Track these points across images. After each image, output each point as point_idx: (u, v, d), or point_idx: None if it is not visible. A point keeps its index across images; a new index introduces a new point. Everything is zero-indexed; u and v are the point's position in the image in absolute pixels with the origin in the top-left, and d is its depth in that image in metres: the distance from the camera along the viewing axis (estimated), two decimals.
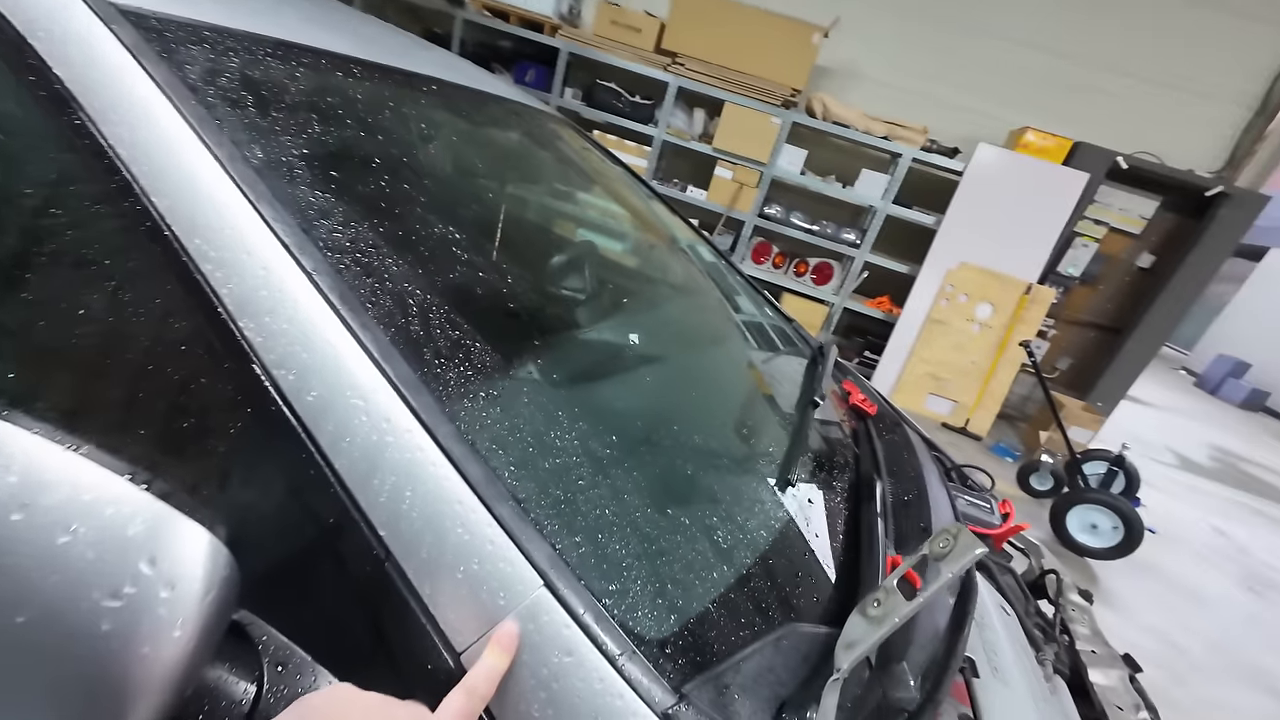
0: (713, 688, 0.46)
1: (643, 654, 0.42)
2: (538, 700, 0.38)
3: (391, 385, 0.43)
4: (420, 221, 0.67)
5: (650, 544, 0.54)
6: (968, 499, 1.18)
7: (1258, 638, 2.60)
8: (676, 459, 0.71)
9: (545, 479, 0.52)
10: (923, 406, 4.24)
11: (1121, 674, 0.98)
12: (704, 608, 0.52)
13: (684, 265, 1.50)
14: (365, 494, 0.41)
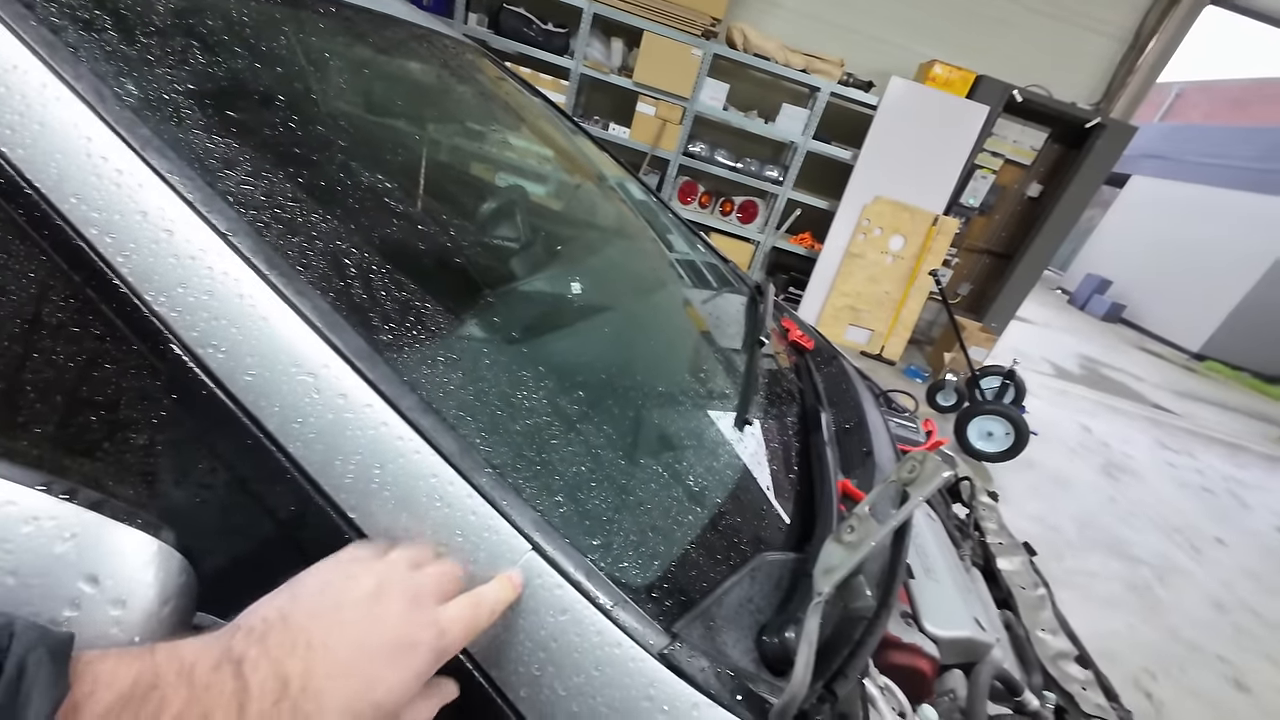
0: (700, 624, 0.48)
1: (634, 602, 0.43)
2: (537, 661, 0.38)
3: (342, 357, 0.39)
4: (340, 168, 0.60)
5: (625, 495, 0.55)
6: (897, 421, 1.28)
7: (1114, 514, 3.09)
8: (638, 407, 0.71)
9: (517, 441, 0.50)
10: (843, 337, 4.50)
11: (1023, 559, 1.13)
12: (681, 549, 0.54)
13: (618, 207, 1.46)
14: (329, 477, 0.37)
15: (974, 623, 0.83)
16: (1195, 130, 12.94)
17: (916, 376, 4.31)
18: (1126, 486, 3.50)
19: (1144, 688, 1.91)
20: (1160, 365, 7.88)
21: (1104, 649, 2.04)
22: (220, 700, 0.24)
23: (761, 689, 0.45)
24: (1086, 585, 2.38)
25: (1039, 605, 1.03)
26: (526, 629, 0.39)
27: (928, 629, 0.80)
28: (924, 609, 0.83)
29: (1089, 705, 0.84)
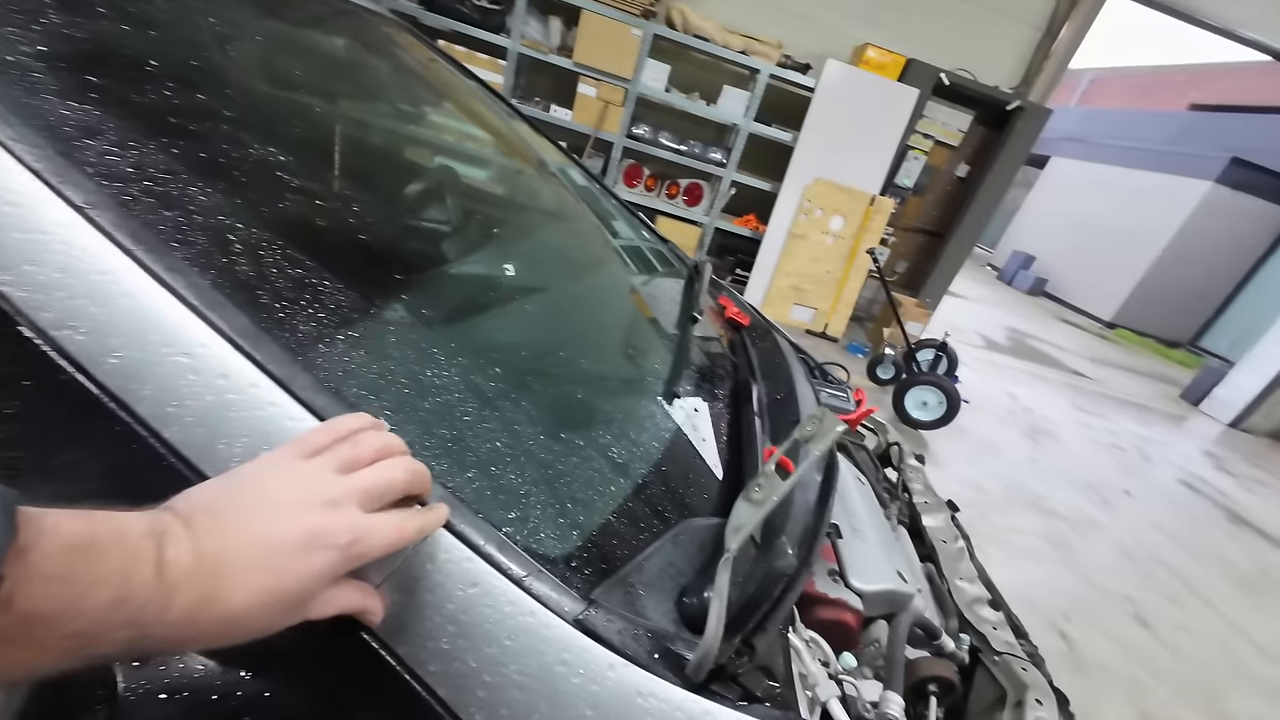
0: (620, 588, 0.49)
1: (549, 571, 0.44)
2: (447, 635, 0.38)
3: (223, 336, 0.37)
4: (232, 142, 0.56)
5: (546, 469, 0.55)
6: (829, 392, 1.32)
7: (1035, 474, 3.33)
8: (564, 385, 0.71)
9: (429, 420, 0.49)
10: (788, 316, 4.62)
11: (946, 516, 1.20)
12: (604, 520, 0.54)
13: (555, 190, 1.44)
14: (211, 462, 0.36)
15: (896, 576, 0.88)
16: (1107, 114, 13.87)
17: (858, 352, 4.48)
18: (1046, 448, 3.78)
19: (1060, 629, 2.09)
20: (1078, 334, 8.49)
21: (1025, 596, 2.21)
22: (142, 564, 0.26)
23: (680, 647, 0.47)
24: (1010, 540, 2.56)
25: (958, 557, 1.10)
26: (434, 604, 0.38)
27: (853, 584, 0.84)
28: (850, 566, 0.87)
29: (999, 643, 0.91)
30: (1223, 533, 3.35)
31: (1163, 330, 10.05)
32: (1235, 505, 3.81)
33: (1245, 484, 4.30)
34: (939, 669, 0.79)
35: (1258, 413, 5.78)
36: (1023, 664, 0.87)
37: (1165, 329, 10.06)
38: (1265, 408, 5.74)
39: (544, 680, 0.39)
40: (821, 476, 0.81)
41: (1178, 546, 3.01)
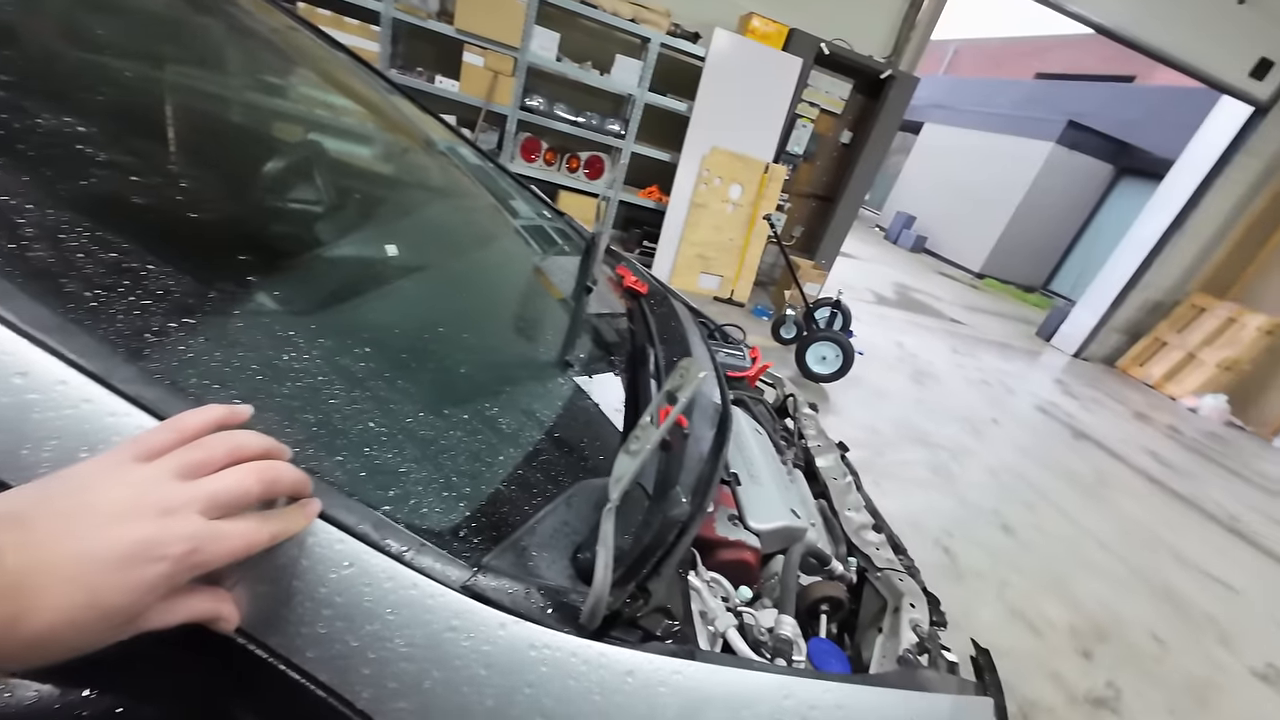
0: (513, 552, 0.50)
1: (434, 544, 0.43)
2: (322, 619, 0.37)
3: (16, 331, 0.33)
4: (17, 110, 0.49)
5: (429, 446, 0.54)
6: (726, 351, 1.39)
7: (920, 413, 3.70)
8: (450, 362, 0.69)
9: (295, 408, 0.47)
10: (696, 285, 4.74)
11: (836, 456, 1.32)
12: (496, 490, 0.55)
13: (437, 165, 1.37)
14: (15, 470, 0.32)
15: (790, 514, 0.96)
16: (968, 83, 15.17)
17: (763, 315, 4.70)
18: (929, 389, 4.20)
19: (943, 545, 2.37)
20: (953, 285, 9.40)
21: (914, 520, 2.47)
22: None
23: (574, 599, 0.49)
24: (901, 472, 2.84)
25: (847, 491, 1.21)
26: (305, 590, 0.37)
27: (751, 525, 0.91)
28: (748, 509, 0.94)
29: (881, 561, 1.02)
30: (1068, 448, 3.92)
31: (1021, 277, 11.38)
32: (1078, 423, 4.46)
33: (1085, 404, 5.03)
34: (829, 590, 0.87)
35: (1094, 343, 6.74)
36: (900, 576, 0.99)
37: (1023, 276, 11.39)
38: (1099, 338, 6.71)
39: (433, 648, 0.40)
40: (715, 430, 0.86)
41: (1033, 462, 3.48)
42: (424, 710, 0.39)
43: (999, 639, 1.95)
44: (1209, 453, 4.69)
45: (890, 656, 0.80)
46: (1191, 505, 3.54)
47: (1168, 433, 4.91)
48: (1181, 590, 2.57)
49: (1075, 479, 3.42)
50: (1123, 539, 2.86)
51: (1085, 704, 1.80)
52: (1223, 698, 2.00)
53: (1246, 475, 4.41)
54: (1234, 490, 4.01)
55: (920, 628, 0.87)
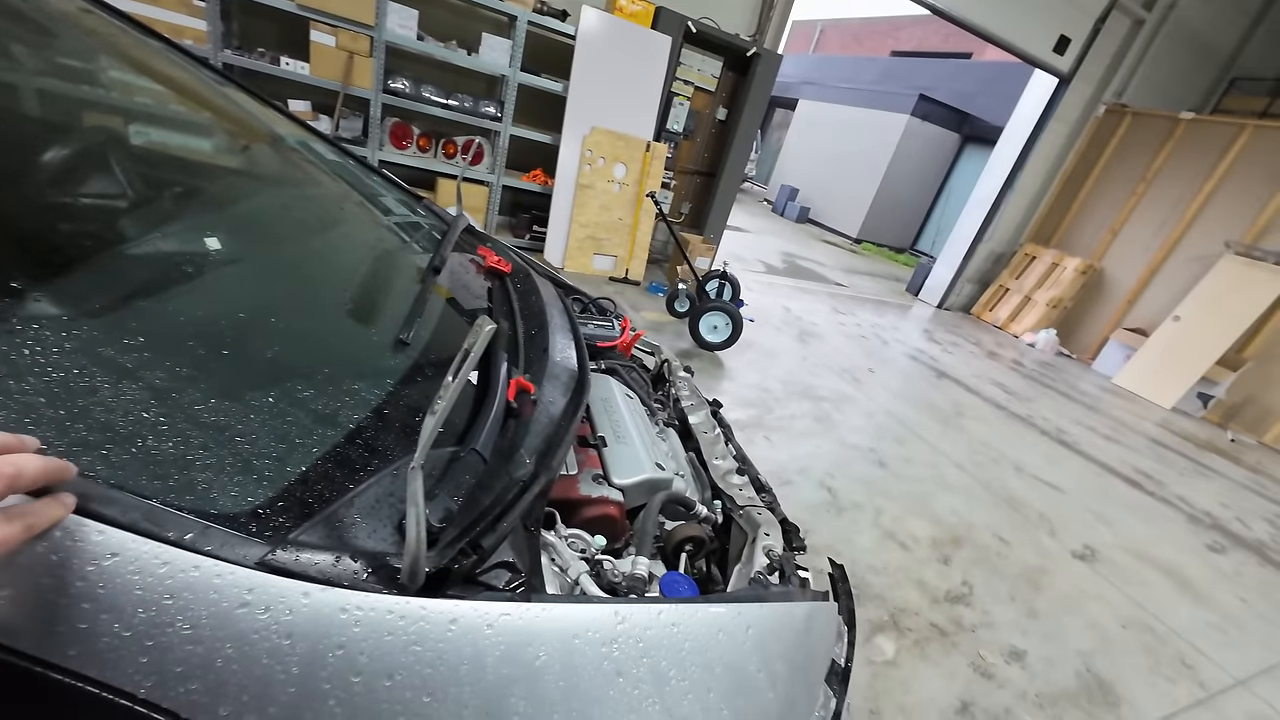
0: (326, 525, 0.50)
1: (223, 526, 0.43)
2: (81, 614, 0.36)
3: None
4: None
5: (227, 431, 0.52)
6: (595, 324, 1.43)
7: (806, 369, 3.99)
8: (260, 349, 0.66)
9: (65, 405, 0.43)
10: (591, 266, 4.75)
11: (706, 412, 1.41)
12: (309, 468, 0.54)
13: (274, 152, 1.27)
14: None
15: (654, 467, 1.02)
16: (833, 60, 16.15)
17: (659, 291, 4.81)
18: (813, 347, 4.53)
19: (827, 485, 2.60)
20: (835, 251, 10.12)
21: (802, 466, 2.69)
22: None
23: (395, 561, 0.50)
24: (790, 425, 3.07)
25: (715, 442, 1.30)
26: (57, 587, 0.35)
27: (615, 482, 0.96)
28: (612, 468, 0.98)
29: (743, 500, 1.11)
30: (932, 387, 4.41)
31: (892, 239, 12.47)
32: (940, 365, 5.02)
33: (947, 348, 5.66)
34: (691, 531, 0.94)
35: (953, 294, 7.57)
36: (758, 510, 1.09)
37: (893, 238, 12.50)
38: (956, 289, 7.54)
39: (223, 626, 0.39)
40: (569, 398, 0.89)
41: (903, 402, 3.89)
42: (218, 688, 0.38)
43: (874, 559, 2.19)
44: (1043, 379, 5.47)
45: (744, 579, 0.89)
46: (1029, 424, 4.13)
47: (1012, 366, 5.66)
48: (1020, 495, 3.01)
49: (937, 413, 3.86)
50: (974, 459, 3.29)
51: (945, 602, 2.08)
52: (1050, 579, 2.39)
53: (1071, 394, 5.20)
54: (1061, 408, 4.72)
55: (773, 552, 0.97)
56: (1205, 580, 2.72)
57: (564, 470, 0.93)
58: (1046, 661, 1.93)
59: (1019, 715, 1.69)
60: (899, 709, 1.60)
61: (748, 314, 4.84)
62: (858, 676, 1.67)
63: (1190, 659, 2.16)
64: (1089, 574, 2.51)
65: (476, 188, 4.40)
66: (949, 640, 1.90)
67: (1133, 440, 4.39)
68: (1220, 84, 7.11)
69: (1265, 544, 3.27)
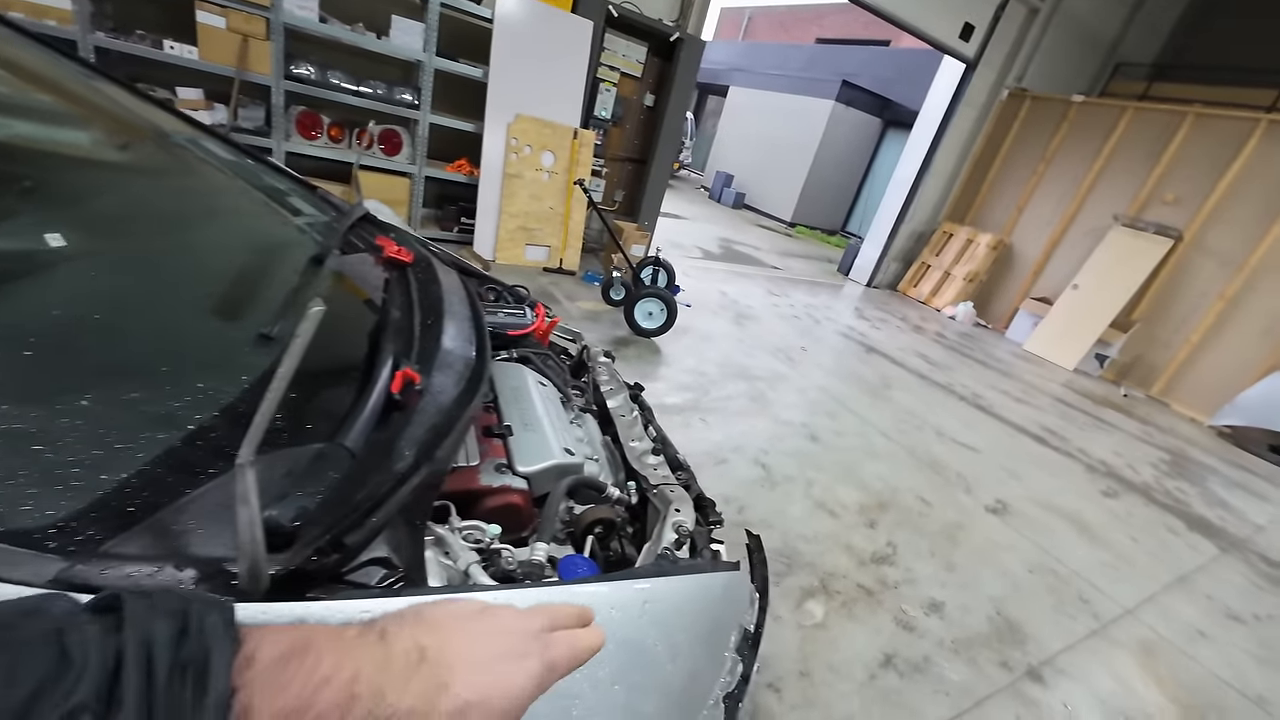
0: (147, 535, 0.46)
1: (11, 543, 0.38)
2: None
3: None
4: None
5: (25, 443, 0.47)
6: (505, 312, 1.40)
7: (741, 351, 4.08)
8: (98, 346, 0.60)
9: None
10: (524, 257, 4.66)
11: (625, 395, 1.41)
12: (134, 474, 0.49)
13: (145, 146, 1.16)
14: None
15: (562, 453, 1.01)
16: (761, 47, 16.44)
17: (594, 280, 4.78)
18: (749, 329, 4.63)
19: (761, 462, 2.68)
20: (770, 235, 10.37)
21: (737, 445, 2.75)
22: (368, 657, 0.27)
23: (231, 565, 0.46)
24: (725, 406, 3.13)
25: (632, 424, 1.30)
26: None
27: (519, 470, 0.94)
28: (517, 456, 0.96)
29: (656, 479, 1.12)
30: (861, 361, 4.61)
31: (824, 222, 12.90)
32: (869, 340, 5.25)
33: (875, 324, 5.92)
34: (600, 514, 0.94)
35: (880, 273, 7.92)
36: (671, 488, 1.10)
37: (825, 221, 12.93)
38: (883, 268, 7.90)
39: None
40: (461, 387, 0.86)
41: (834, 378, 4.05)
42: None
43: (806, 528, 2.28)
44: (962, 349, 5.82)
45: (652, 556, 0.89)
46: (949, 391, 4.39)
47: (935, 338, 5.99)
48: (940, 458, 3.20)
49: (866, 386, 4.05)
50: (899, 427, 3.47)
51: (871, 564, 2.19)
52: (966, 533, 2.56)
53: (987, 362, 5.57)
54: (978, 375, 5.04)
55: (683, 527, 0.98)
56: (1101, 523, 2.99)
57: (464, 461, 0.91)
58: (962, 609, 2.07)
59: (936, 662, 1.80)
60: (827, 668, 1.67)
61: (684, 299, 4.89)
62: (789, 641, 1.74)
63: (1087, 595, 2.37)
64: (1001, 526, 2.70)
65: (398, 180, 4.21)
66: (874, 599, 2.00)
67: (1040, 401, 4.76)
68: (1106, 69, 7.72)
69: (1151, 486, 3.63)
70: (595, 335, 3.67)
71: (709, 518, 1.12)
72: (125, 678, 0.20)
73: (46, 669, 0.20)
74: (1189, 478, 3.94)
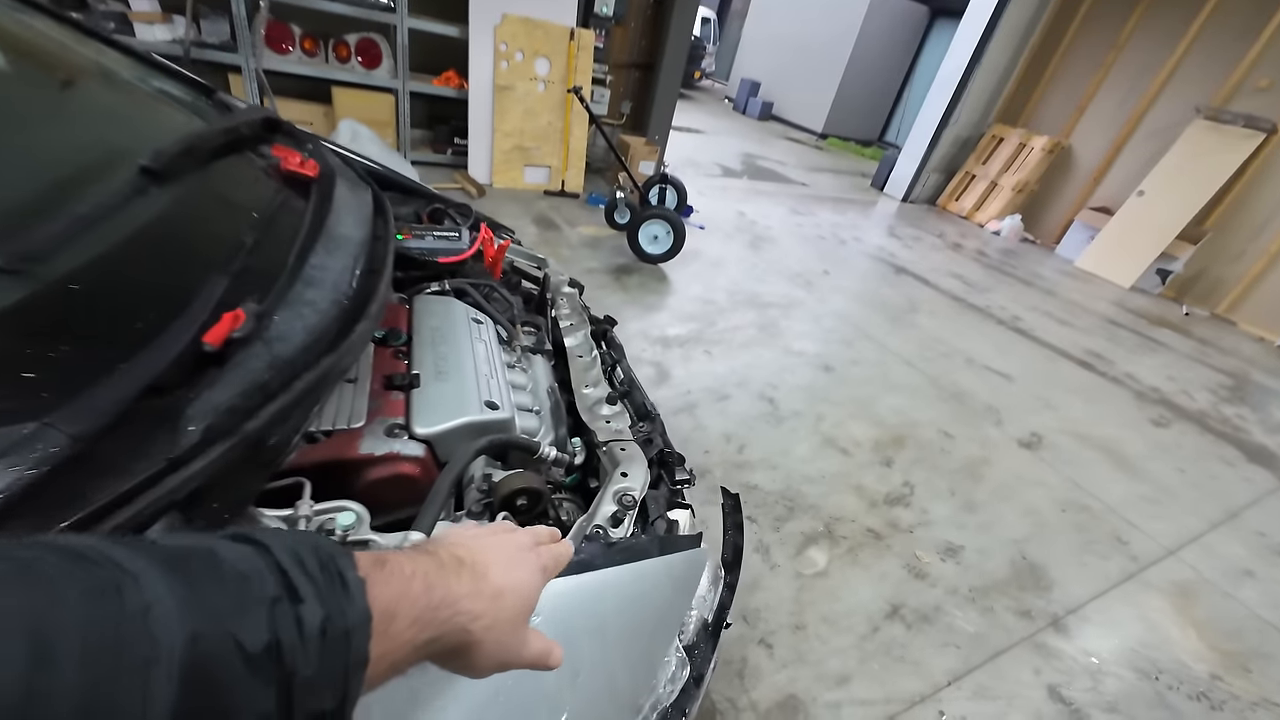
0: None
1: None
2: None
3: None
4: None
5: None
6: (435, 234, 1.18)
7: (755, 277, 3.78)
8: None
9: None
10: (523, 180, 4.35)
11: (585, 333, 1.20)
12: None
13: None
14: None
15: (481, 407, 0.83)
16: None
17: (599, 203, 4.44)
18: (766, 253, 4.29)
19: (767, 396, 2.48)
20: (798, 149, 9.59)
21: (742, 379, 2.55)
22: (430, 563, 0.34)
23: None
24: (732, 337, 2.91)
25: (589, 367, 1.11)
26: None
27: (417, 432, 0.77)
28: (418, 413, 0.79)
29: (607, 434, 0.94)
30: (887, 283, 4.26)
31: (859, 133, 11.86)
32: (899, 261, 4.84)
33: (907, 243, 5.46)
34: (520, 482, 0.77)
35: (918, 185, 7.27)
36: (622, 446, 0.92)
37: (860, 131, 11.88)
38: (922, 180, 7.23)
39: None
40: (317, 335, 0.67)
41: (856, 303, 3.74)
42: None
43: (812, 468, 2.11)
44: (1004, 267, 5.35)
45: (577, 538, 0.72)
46: (984, 314, 4.04)
47: (974, 256, 5.51)
48: (968, 388, 2.95)
49: (890, 311, 3.73)
50: (923, 355, 3.20)
51: (883, 505, 2.02)
52: (992, 469, 2.35)
53: (1031, 281, 5.11)
54: (1020, 295, 4.63)
55: (628, 495, 0.81)
56: (1145, 455, 2.74)
57: (347, 424, 0.74)
58: (981, 554, 1.91)
59: (948, 612, 1.67)
60: (823, 620, 1.55)
61: (697, 221, 4.55)
62: (785, 592, 1.61)
63: (1124, 534, 2.18)
64: (1031, 460, 2.48)
65: (380, 97, 3.88)
66: (884, 544, 1.85)
67: (1087, 322, 4.36)
68: None
69: (1206, 413, 3.32)
70: (595, 263, 3.42)
71: (674, 478, 0.94)
72: (294, 578, 0.26)
73: (238, 580, 0.25)
74: (1251, 403, 3.60)
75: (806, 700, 1.35)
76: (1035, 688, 1.51)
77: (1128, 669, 1.63)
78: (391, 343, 0.92)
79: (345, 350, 0.67)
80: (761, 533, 1.79)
